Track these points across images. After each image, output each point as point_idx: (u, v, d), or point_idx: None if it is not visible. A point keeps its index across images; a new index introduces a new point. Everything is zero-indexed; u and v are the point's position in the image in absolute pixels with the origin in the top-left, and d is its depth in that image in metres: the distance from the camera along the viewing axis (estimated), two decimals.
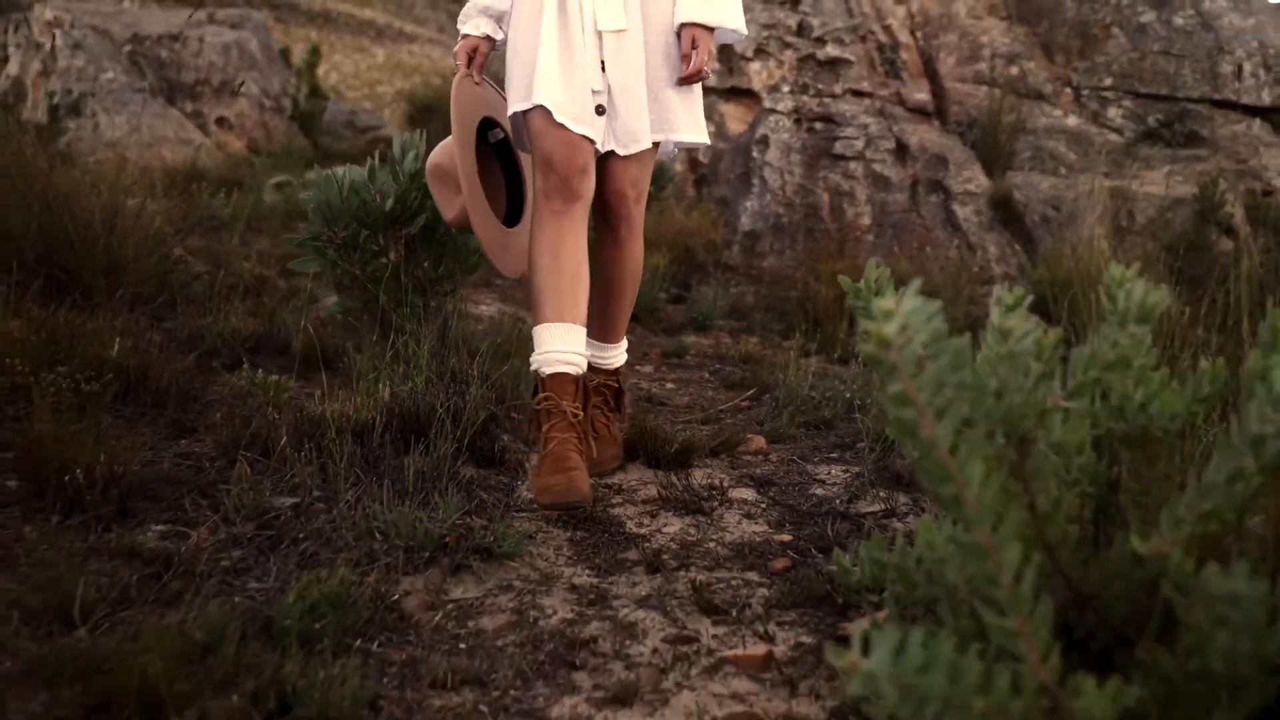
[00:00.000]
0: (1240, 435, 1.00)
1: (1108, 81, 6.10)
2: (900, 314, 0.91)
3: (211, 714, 1.30)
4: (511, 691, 1.47)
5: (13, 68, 12.73)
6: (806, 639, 1.60)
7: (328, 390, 2.70)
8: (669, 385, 3.59)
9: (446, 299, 3.00)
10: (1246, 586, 0.92)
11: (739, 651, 1.55)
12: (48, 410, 2.09)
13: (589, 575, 1.88)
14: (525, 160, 2.53)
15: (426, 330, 2.74)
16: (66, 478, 1.97)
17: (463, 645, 1.60)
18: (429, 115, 11.46)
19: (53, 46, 11.70)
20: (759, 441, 2.69)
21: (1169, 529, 1.03)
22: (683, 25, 2.28)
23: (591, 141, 2.23)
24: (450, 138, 2.39)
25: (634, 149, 2.28)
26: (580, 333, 2.23)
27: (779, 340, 4.43)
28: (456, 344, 2.80)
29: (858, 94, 6.28)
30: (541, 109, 2.20)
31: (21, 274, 3.43)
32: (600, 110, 2.24)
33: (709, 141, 2.46)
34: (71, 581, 1.57)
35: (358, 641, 1.55)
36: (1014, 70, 6.42)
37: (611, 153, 2.29)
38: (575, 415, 2.15)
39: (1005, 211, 5.64)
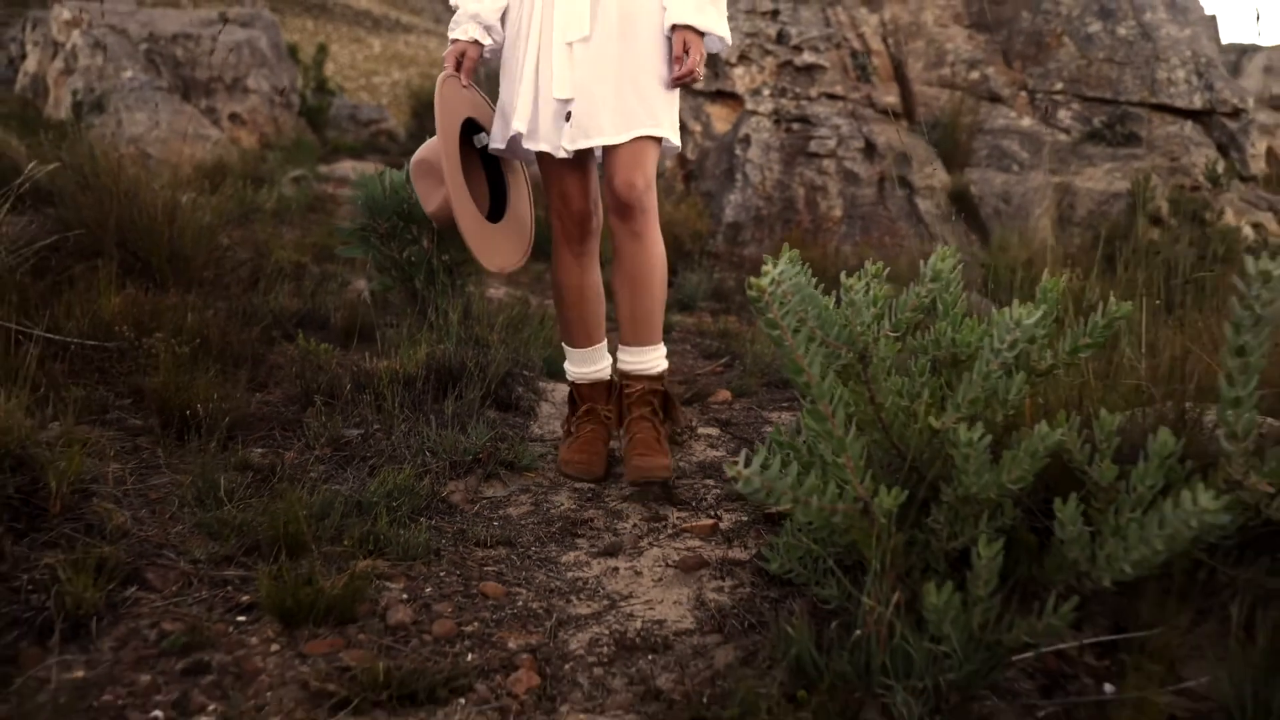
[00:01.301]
0: (990, 351, 1.61)
1: (1058, 86, 6.70)
2: (774, 272, 1.52)
3: (330, 555, 1.91)
4: (532, 548, 2.09)
5: (30, 64, 13.25)
6: (744, 518, 2.22)
7: (372, 354, 3.31)
8: None
9: (468, 280, 3.61)
10: (979, 440, 1.52)
11: (694, 524, 2.17)
12: (169, 364, 2.70)
13: (587, 483, 2.49)
14: (507, 163, 2.65)
15: (453, 304, 3.35)
16: (186, 413, 2.58)
17: (495, 523, 2.21)
18: (431, 110, 12.03)
19: (73, 46, 12.15)
20: (725, 394, 3.30)
21: (952, 411, 1.64)
22: (674, 28, 2.34)
23: (589, 169, 2.47)
24: (435, 137, 2.45)
25: (582, 144, 2.34)
26: (603, 348, 2.62)
27: (754, 319, 5.04)
28: (478, 316, 3.41)
29: (832, 97, 6.88)
30: (538, 148, 2.40)
31: (104, 260, 4.03)
32: (569, 116, 2.35)
33: (678, 144, 2.48)
34: (215, 475, 2.18)
35: (422, 518, 2.16)
36: (975, 75, 7.02)
37: (614, 147, 2.36)
38: (606, 415, 2.56)
39: (962, 204, 6.25)
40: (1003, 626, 1.50)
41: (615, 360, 2.60)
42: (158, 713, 1.41)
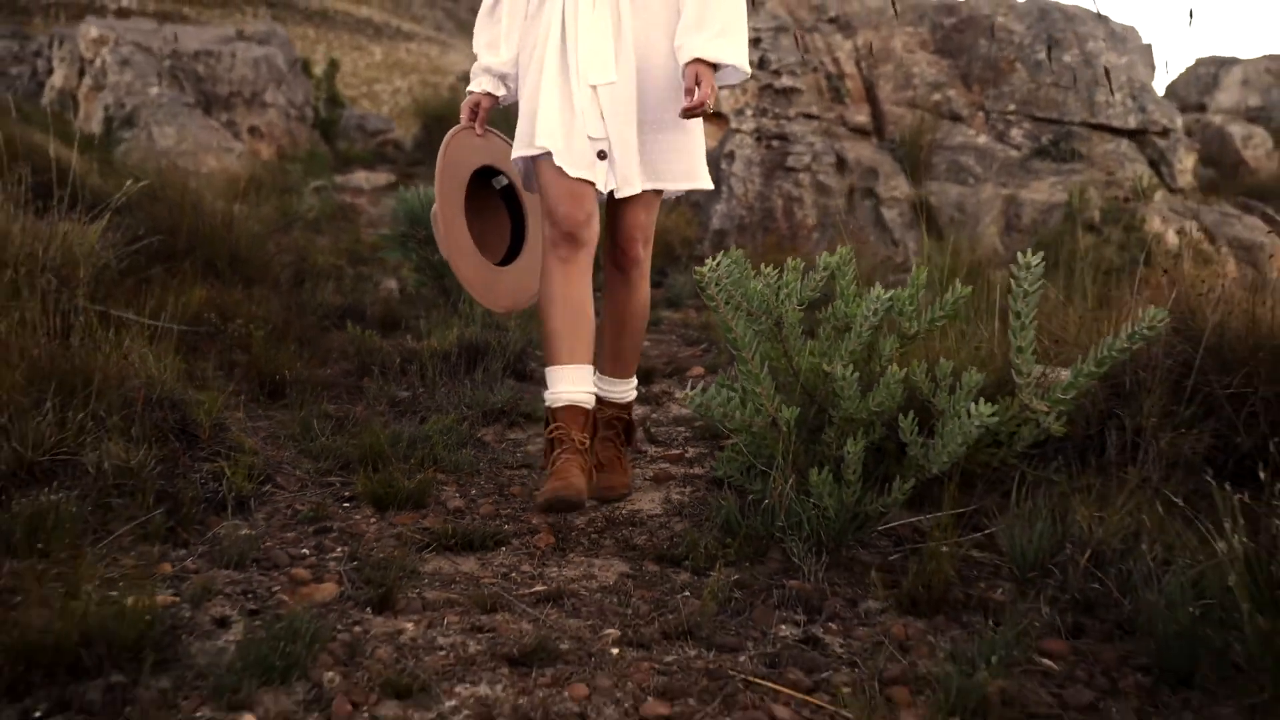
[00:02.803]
0: (862, 318, 2.34)
1: (1011, 107, 7.45)
2: (713, 264, 2.26)
3: (402, 468, 2.64)
4: (545, 470, 2.82)
5: (57, 79, 13.97)
6: (703, 451, 2.96)
7: (411, 337, 4.06)
8: (646, 344, 4.95)
9: None
10: (850, 376, 2.26)
11: (666, 454, 2.91)
12: (261, 342, 3.44)
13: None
14: (530, 204, 2.72)
15: None
16: (276, 378, 3.32)
17: (518, 454, 2.95)
18: (441, 123, 12.77)
19: (102, 63, 12.83)
20: (699, 370, 4.05)
21: (837, 359, 2.37)
22: (687, 63, 2.36)
23: (593, 186, 2.38)
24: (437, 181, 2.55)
25: (627, 191, 2.40)
26: (588, 371, 2.41)
27: None
28: None
29: (808, 117, 7.63)
30: (545, 158, 2.37)
31: (179, 261, 4.77)
32: (602, 155, 2.37)
33: (709, 185, 2.52)
34: (309, 420, 2.91)
35: (464, 449, 2.89)
36: (938, 96, 7.77)
37: (622, 200, 2.44)
38: (582, 443, 2.37)
39: (922, 214, 6.98)
40: (866, 501, 2.23)
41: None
42: (305, 550, 2.15)
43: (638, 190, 2.42)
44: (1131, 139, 7.06)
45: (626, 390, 2.68)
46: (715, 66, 2.36)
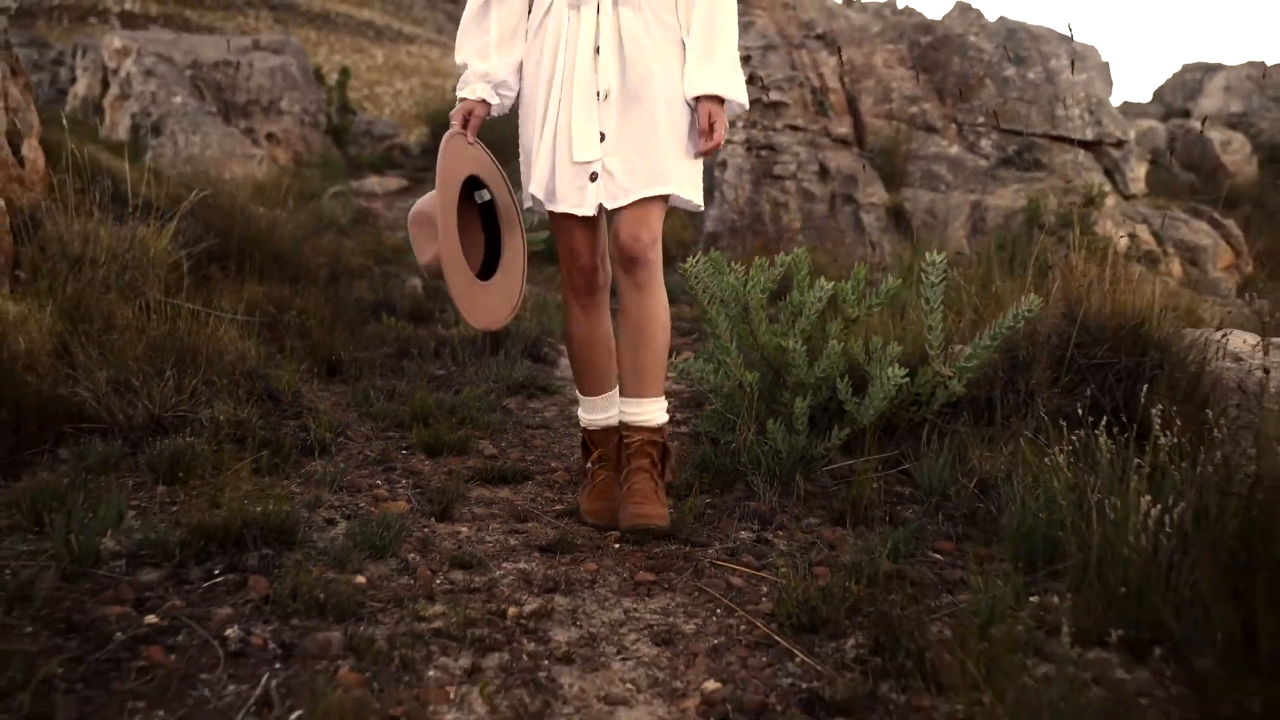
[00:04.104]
0: (810, 304, 2.98)
1: (980, 119, 8.09)
2: (693, 261, 2.91)
3: (445, 425, 3.29)
4: (560, 430, 3.47)
5: (80, 88, 14.60)
6: (689, 415, 3.60)
7: (439, 326, 4.70)
8: None
9: None
10: (799, 349, 2.90)
11: None
12: (319, 328, 4.09)
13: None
14: (506, 226, 2.63)
15: None
16: (332, 359, 3.97)
17: (537, 418, 3.60)
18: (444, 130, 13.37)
19: (127, 73, 13.43)
20: (688, 355, 4.68)
21: (791, 336, 3.01)
22: (698, 98, 2.42)
23: (598, 225, 2.51)
24: (434, 191, 2.46)
25: (622, 201, 2.40)
26: (613, 396, 2.67)
27: None
28: None
29: (794, 128, 8.28)
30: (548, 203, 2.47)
31: (232, 260, 5.41)
32: (594, 177, 2.40)
33: (698, 204, 2.52)
34: (365, 390, 3.56)
35: (491, 413, 3.53)
36: (915, 109, 8.41)
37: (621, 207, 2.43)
38: (611, 459, 2.65)
39: (897, 218, 7.63)
40: (811, 446, 2.88)
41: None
42: (378, 481, 2.80)
43: (635, 199, 2.41)
44: (1088, 150, 7.70)
45: (654, 412, 2.56)
46: (723, 100, 2.44)
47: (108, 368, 3.03)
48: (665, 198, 2.47)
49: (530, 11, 2.55)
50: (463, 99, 2.55)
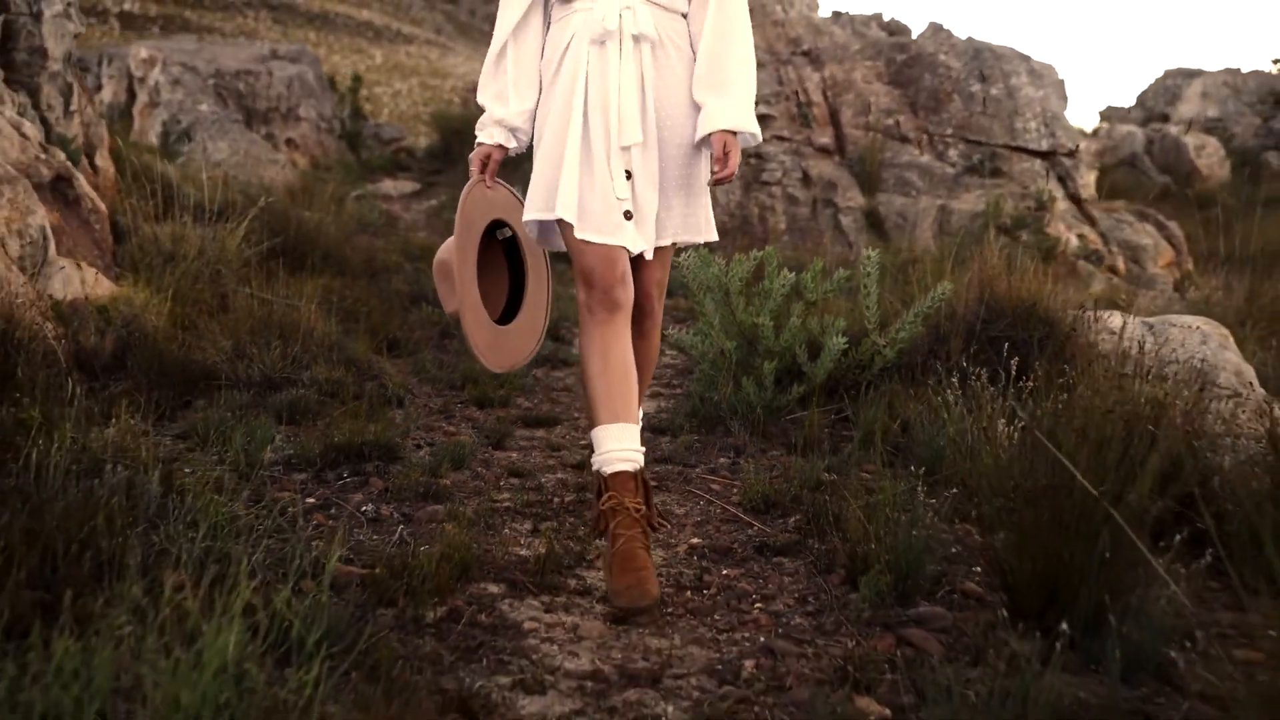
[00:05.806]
0: (777, 289, 3.84)
1: (949, 131, 8.96)
2: (686, 255, 3.76)
3: (489, 386, 4.15)
4: (579, 390, 4.33)
5: (106, 95, 15.42)
6: (681, 380, 4.46)
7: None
8: None
9: None
10: (768, 325, 3.76)
11: (659, 383, 4.42)
12: (379, 311, 4.95)
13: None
14: (531, 261, 2.71)
15: None
16: (389, 338, 4.82)
17: (560, 384, 4.46)
18: (456, 136, 14.18)
19: (155, 82, 14.21)
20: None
21: (762, 315, 3.86)
22: (712, 133, 2.40)
23: (623, 247, 2.38)
24: (454, 238, 2.52)
25: (648, 252, 2.44)
26: (634, 430, 2.36)
27: None
28: None
29: (780, 139, 9.13)
30: (567, 223, 2.37)
31: (287, 257, 6.26)
32: (629, 215, 2.37)
33: (715, 238, 2.58)
34: (421, 361, 4.41)
35: (524, 378, 4.39)
36: (890, 121, 9.27)
37: (640, 255, 2.42)
38: (638, 510, 2.28)
39: (872, 220, 8.49)
40: (776, 399, 3.73)
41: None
42: (444, 423, 3.66)
43: (663, 244, 2.49)
44: (1043, 159, 8.57)
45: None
46: (738, 134, 2.42)
47: (226, 339, 3.89)
48: (673, 245, 2.56)
49: (545, 52, 2.55)
50: (480, 143, 2.58)
